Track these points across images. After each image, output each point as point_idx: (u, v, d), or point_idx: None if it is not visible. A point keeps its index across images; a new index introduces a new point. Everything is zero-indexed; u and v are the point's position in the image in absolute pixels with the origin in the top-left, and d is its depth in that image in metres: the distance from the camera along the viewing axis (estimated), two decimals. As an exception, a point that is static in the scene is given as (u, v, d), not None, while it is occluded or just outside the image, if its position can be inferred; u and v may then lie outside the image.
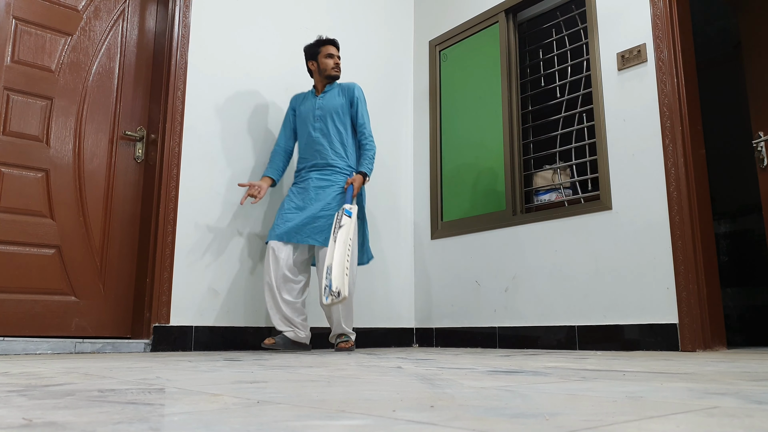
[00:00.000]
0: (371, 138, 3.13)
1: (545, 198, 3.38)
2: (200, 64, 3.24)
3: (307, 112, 3.17)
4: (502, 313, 3.39)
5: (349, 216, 2.81)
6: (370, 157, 3.08)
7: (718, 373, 1.42)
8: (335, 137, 3.09)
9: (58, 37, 2.98)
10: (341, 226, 2.78)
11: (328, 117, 3.11)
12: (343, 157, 3.09)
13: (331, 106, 3.12)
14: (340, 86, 3.20)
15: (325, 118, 3.11)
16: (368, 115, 3.18)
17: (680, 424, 0.69)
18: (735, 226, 4.20)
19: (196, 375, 1.45)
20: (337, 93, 3.16)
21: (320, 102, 3.15)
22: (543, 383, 1.19)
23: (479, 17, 3.82)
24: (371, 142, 3.12)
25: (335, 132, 3.10)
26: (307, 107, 3.18)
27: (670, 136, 2.80)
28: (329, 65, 3.15)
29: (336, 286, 2.62)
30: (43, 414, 0.78)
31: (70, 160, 2.92)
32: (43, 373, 1.50)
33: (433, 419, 0.73)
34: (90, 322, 2.86)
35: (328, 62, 3.15)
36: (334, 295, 2.62)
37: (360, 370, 1.62)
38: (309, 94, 3.24)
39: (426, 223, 3.95)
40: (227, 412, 0.80)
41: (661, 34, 2.89)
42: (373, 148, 3.11)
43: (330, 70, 3.15)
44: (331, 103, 3.13)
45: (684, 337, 2.62)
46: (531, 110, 3.57)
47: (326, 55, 3.15)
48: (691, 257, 2.65)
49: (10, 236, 2.71)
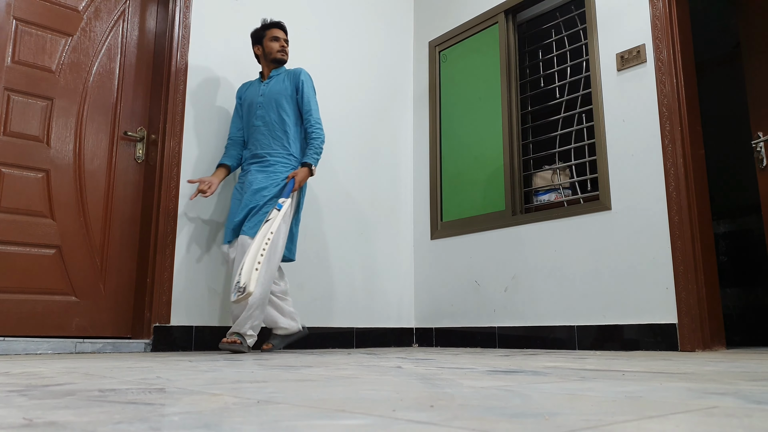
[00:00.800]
0: (318, 125, 2.92)
1: (545, 198, 3.38)
2: (200, 64, 3.24)
3: (251, 99, 3.01)
4: (502, 313, 3.39)
5: (278, 210, 2.67)
6: (316, 147, 2.88)
7: (718, 373, 1.42)
8: (277, 126, 2.91)
9: (59, 38, 2.98)
10: (267, 221, 2.64)
11: (271, 104, 2.93)
12: (285, 147, 2.90)
13: (274, 92, 2.95)
14: (287, 72, 3.03)
15: (267, 106, 2.94)
16: (316, 101, 2.98)
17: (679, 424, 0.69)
18: (734, 226, 4.20)
19: (197, 375, 1.45)
20: (282, 79, 2.99)
21: (264, 89, 2.98)
22: (542, 383, 1.20)
23: (479, 18, 3.82)
24: (318, 130, 2.91)
25: (278, 120, 2.92)
26: (251, 95, 3.02)
27: (670, 137, 2.80)
28: (274, 48, 2.99)
29: (243, 281, 2.45)
30: (44, 414, 0.78)
31: (71, 160, 2.93)
32: (44, 373, 1.50)
33: (433, 419, 0.73)
34: (90, 322, 2.86)
35: (273, 45, 2.99)
36: (240, 291, 2.46)
37: (360, 369, 1.62)
38: (255, 81, 3.09)
39: (426, 223, 3.95)
40: (227, 412, 0.80)
41: (661, 35, 2.89)
42: (320, 137, 2.90)
43: (275, 53, 2.99)
44: (275, 90, 2.95)
45: (683, 337, 2.63)
46: (530, 111, 3.58)
47: (271, 38, 3.00)
48: (690, 257, 2.66)
49: (11, 236, 2.72)
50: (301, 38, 3.58)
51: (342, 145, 3.76)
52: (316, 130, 2.91)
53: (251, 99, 3.01)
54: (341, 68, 3.85)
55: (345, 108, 3.81)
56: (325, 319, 3.48)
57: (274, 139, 2.91)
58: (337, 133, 3.74)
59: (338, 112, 3.77)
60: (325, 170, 3.65)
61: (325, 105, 3.72)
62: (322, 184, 3.62)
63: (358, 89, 3.91)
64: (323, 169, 3.64)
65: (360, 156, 3.84)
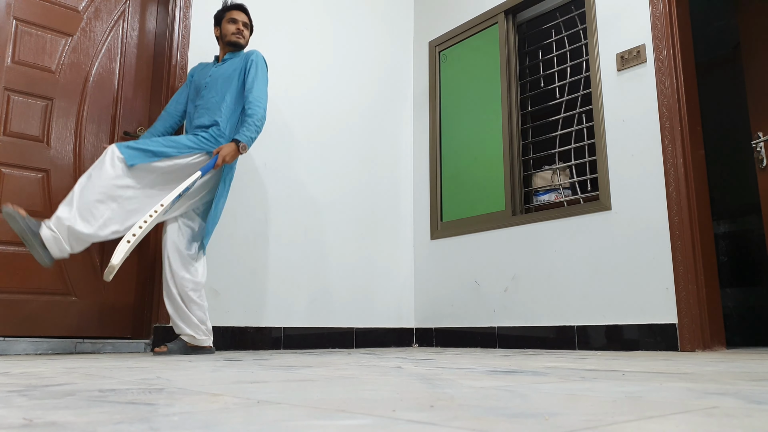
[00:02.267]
0: (258, 102, 2.71)
1: (545, 198, 3.38)
2: (200, 64, 3.24)
3: (199, 81, 2.88)
4: (502, 313, 3.39)
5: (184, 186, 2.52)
6: (250, 124, 2.66)
7: (718, 373, 1.42)
8: (218, 106, 2.76)
9: (59, 38, 2.98)
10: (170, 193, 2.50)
11: (216, 85, 2.80)
12: (219, 125, 2.72)
13: (222, 74, 2.83)
14: (242, 55, 2.89)
15: (212, 87, 2.81)
16: (263, 81, 2.78)
17: (679, 424, 0.69)
18: (734, 227, 4.20)
19: (197, 375, 1.45)
20: (234, 62, 2.85)
21: (214, 70, 2.87)
22: (542, 383, 1.20)
23: (479, 18, 3.82)
24: (256, 107, 2.70)
25: (220, 100, 2.77)
26: (201, 77, 2.90)
27: (670, 137, 2.80)
28: (230, 30, 2.88)
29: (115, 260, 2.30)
30: (44, 414, 0.78)
31: (71, 160, 2.93)
32: (44, 373, 1.50)
33: (433, 419, 0.73)
34: (90, 322, 2.86)
35: (229, 27, 2.89)
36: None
37: (360, 370, 1.62)
38: (208, 64, 2.97)
39: (426, 224, 3.95)
40: (227, 412, 0.80)
41: (661, 35, 2.89)
42: (257, 113, 2.68)
43: (230, 35, 2.87)
44: (225, 72, 2.83)
45: (683, 338, 2.63)
46: (530, 111, 3.58)
47: (229, 20, 2.89)
48: (690, 257, 2.66)
49: (11, 236, 2.71)
50: (301, 38, 3.58)
51: (342, 145, 3.76)
52: (254, 106, 2.70)
53: (199, 81, 2.89)
54: (341, 68, 3.85)
55: (345, 108, 3.81)
56: (325, 319, 3.48)
57: (210, 118, 2.74)
58: (337, 133, 3.74)
59: (338, 112, 3.77)
60: (325, 170, 3.66)
61: (325, 105, 3.73)
62: (322, 185, 3.62)
63: (357, 89, 3.91)
64: (323, 169, 3.64)
65: (360, 156, 3.84)
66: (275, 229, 3.38)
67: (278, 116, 3.50)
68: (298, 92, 3.51)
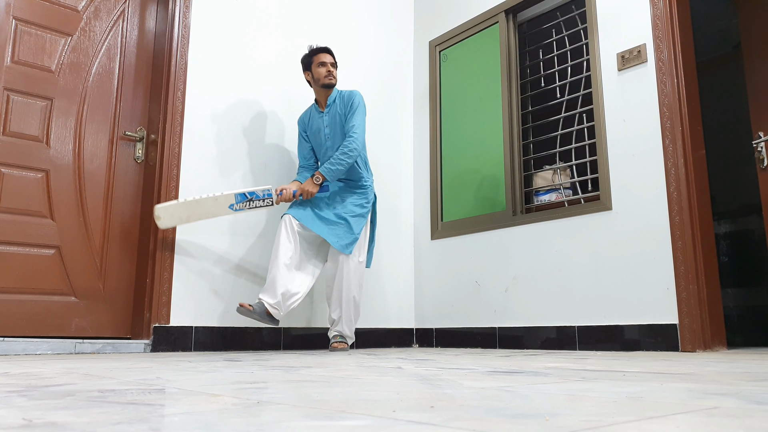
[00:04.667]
0: (351, 137, 2.99)
1: (545, 198, 3.38)
2: (200, 64, 3.24)
3: (317, 131, 3.16)
4: (502, 314, 3.39)
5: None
6: (335, 158, 2.97)
7: (718, 373, 1.42)
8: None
9: (58, 38, 2.98)
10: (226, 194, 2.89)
11: (337, 135, 3.10)
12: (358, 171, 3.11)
13: (336, 122, 3.11)
14: (341, 96, 3.15)
15: (334, 137, 3.11)
16: (362, 120, 3.06)
17: (680, 425, 0.68)
18: (735, 227, 4.20)
19: (196, 375, 1.45)
20: (339, 106, 3.12)
21: (327, 119, 3.14)
22: (543, 383, 1.19)
23: (479, 17, 3.82)
24: (349, 142, 2.98)
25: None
26: (316, 126, 3.17)
27: (670, 137, 2.80)
28: (322, 74, 3.10)
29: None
30: (43, 414, 0.78)
31: (70, 160, 2.92)
32: (43, 373, 1.50)
33: (433, 419, 0.73)
34: (90, 323, 2.86)
35: (320, 71, 3.11)
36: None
37: (360, 370, 1.62)
38: (313, 112, 3.21)
39: (426, 224, 3.95)
40: (227, 413, 0.80)
41: (661, 35, 2.89)
42: (345, 146, 2.98)
43: (323, 78, 3.10)
44: (336, 119, 3.11)
45: (684, 338, 2.62)
46: (531, 111, 3.57)
47: (318, 64, 3.12)
48: (691, 257, 2.65)
49: (10, 237, 2.71)
50: (301, 39, 3.58)
51: (342, 145, 3.75)
52: (348, 139, 2.99)
53: (317, 131, 3.17)
54: (341, 68, 3.84)
55: (345, 108, 3.81)
56: (325, 319, 3.48)
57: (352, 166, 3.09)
58: (337, 133, 3.73)
59: (338, 112, 3.76)
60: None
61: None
62: (322, 184, 3.62)
63: (357, 89, 3.89)
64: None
65: (360, 156, 3.83)
66: (275, 229, 3.37)
67: (278, 115, 3.50)
68: (298, 92, 3.51)
